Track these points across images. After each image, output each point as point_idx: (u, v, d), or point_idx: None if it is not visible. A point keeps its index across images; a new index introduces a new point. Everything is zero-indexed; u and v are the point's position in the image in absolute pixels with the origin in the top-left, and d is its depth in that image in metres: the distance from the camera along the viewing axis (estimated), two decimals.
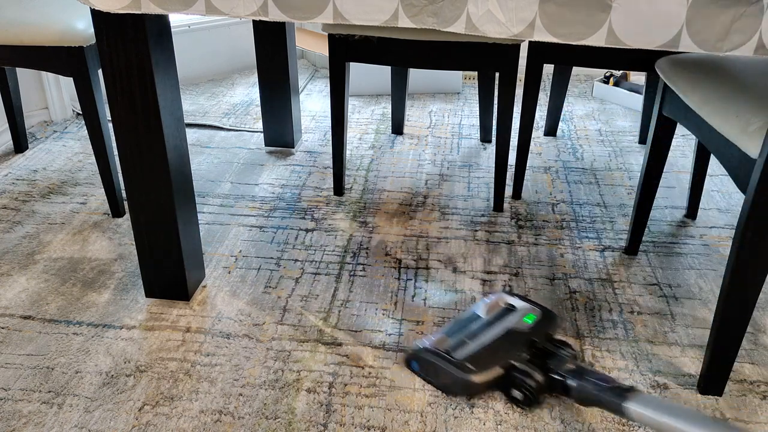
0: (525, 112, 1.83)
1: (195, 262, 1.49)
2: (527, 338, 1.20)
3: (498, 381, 1.15)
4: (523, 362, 1.15)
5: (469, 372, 1.14)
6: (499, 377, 1.15)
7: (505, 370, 1.15)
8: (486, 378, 1.15)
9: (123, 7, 1.08)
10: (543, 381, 1.11)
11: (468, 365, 1.15)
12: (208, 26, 2.84)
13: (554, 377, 1.11)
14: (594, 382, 1.07)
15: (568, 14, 0.98)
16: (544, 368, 1.14)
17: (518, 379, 1.13)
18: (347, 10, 1.04)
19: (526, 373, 1.13)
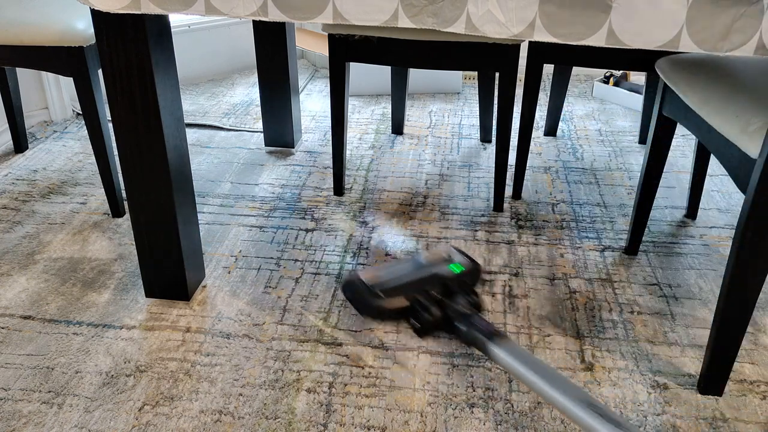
0: (525, 112, 1.83)
1: (195, 262, 1.49)
2: (443, 282, 1.34)
3: (401, 310, 1.31)
4: (427, 299, 1.30)
5: (377, 298, 1.31)
6: (402, 307, 1.30)
7: (410, 302, 1.30)
8: (390, 305, 1.31)
9: (123, 7, 1.08)
10: (437, 318, 1.26)
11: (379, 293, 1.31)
12: (208, 26, 2.84)
13: (447, 317, 1.26)
14: (476, 325, 1.20)
15: (568, 14, 0.98)
16: (443, 308, 1.28)
17: (417, 312, 1.29)
18: (347, 10, 1.04)
19: (425, 307, 1.29)
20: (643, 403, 1.21)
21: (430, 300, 1.30)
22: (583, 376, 1.27)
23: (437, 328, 1.28)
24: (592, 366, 1.30)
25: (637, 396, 1.23)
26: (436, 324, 1.27)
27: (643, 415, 1.18)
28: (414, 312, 1.29)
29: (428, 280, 1.35)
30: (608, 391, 1.23)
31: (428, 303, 1.29)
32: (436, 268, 1.38)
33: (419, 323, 1.28)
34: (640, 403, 1.21)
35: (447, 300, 1.29)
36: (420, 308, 1.29)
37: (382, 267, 1.42)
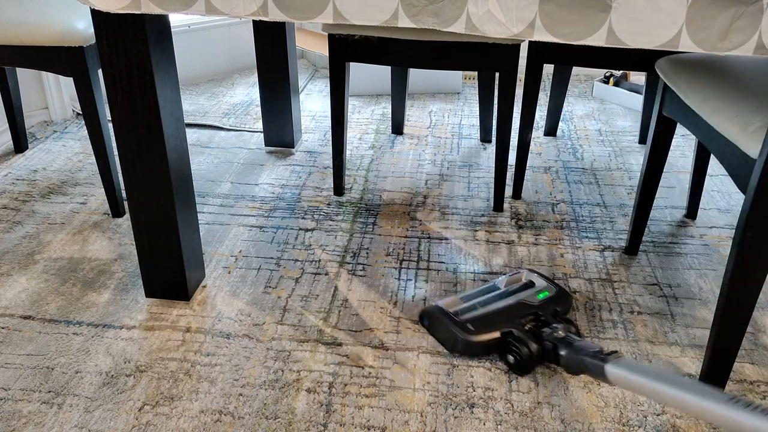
0: (525, 112, 1.83)
1: (195, 262, 1.49)
2: (533, 311, 1.29)
3: (495, 344, 1.26)
4: (521, 331, 1.25)
5: (467, 332, 1.26)
6: (495, 341, 1.26)
7: (503, 335, 1.25)
8: (482, 339, 1.26)
9: (123, 7, 1.08)
10: (536, 350, 1.21)
11: (469, 326, 1.27)
12: (208, 26, 2.84)
13: (546, 345, 1.20)
14: (581, 349, 1.13)
15: (568, 14, 0.98)
16: (540, 338, 1.22)
17: (513, 345, 1.23)
18: (347, 10, 1.04)
19: (521, 340, 1.23)
20: (643, 403, 1.21)
21: (525, 332, 1.23)
22: (583, 376, 1.27)
23: (537, 361, 1.24)
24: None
25: (637, 396, 1.23)
26: (532, 357, 1.22)
27: (643, 415, 1.18)
28: (509, 346, 1.24)
29: (517, 309, 1.29)
30: (608, 391, 1.23)
31: (524, 335, 1.22)
32: (520, 296, 1.34)
33: (519, 357, 1.22)
34: (640, 403, 1.21)
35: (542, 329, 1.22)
36: (516, 342, 1.22)
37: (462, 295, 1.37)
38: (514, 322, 1.27)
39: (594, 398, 1.22)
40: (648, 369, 1.01)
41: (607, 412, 1.19)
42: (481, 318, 1.29)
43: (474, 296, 1.37)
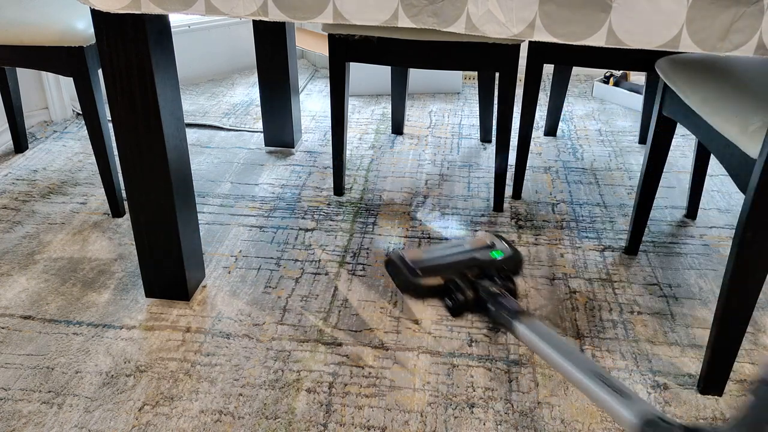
0: (525, 112, 1.83)
1: (195, 262, 1.49)
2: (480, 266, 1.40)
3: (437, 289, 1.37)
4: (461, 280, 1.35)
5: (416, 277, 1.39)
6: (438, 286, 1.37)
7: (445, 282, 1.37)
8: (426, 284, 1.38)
9: (123, 7, 1.08)
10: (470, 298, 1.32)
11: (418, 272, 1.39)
12: (208, 26, 2.84)
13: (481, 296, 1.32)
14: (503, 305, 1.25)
15: (568, 14, 0.98)
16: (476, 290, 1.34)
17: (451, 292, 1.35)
18: (347, 10, 1.04)
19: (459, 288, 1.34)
20: None
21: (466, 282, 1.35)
22: None
23: (469, 308, 1.33)
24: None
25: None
26: (467, 305, 1.33)
27: None
28: (448, 292, 1.35)
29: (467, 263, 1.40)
30: None
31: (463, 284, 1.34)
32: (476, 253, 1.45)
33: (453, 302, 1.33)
34: None
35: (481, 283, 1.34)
36: (454, 289, 1.35)
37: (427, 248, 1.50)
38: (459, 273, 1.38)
39: None
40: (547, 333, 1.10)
41: (608, 414, 1.19)
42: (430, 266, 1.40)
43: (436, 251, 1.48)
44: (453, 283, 1.36)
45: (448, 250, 1.47)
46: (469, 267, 1.40)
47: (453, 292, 1.35)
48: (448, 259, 1.43)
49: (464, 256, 1.43)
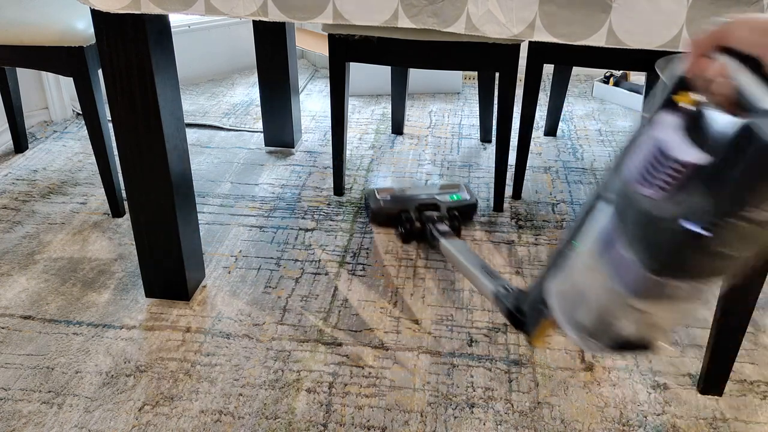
0: (525, 112, 1.83)
1: (195, 262, 1.49)
2: (435, 204, 1.71)
3: (393, 218, 1.71)
4: (414, 212, 1.66)
5: (376, 205, 1.73)
6: (394, 215, 1.71)
7: (400, 212, 1.69)
8: (384, 212, 1.72)
9: (123, 7, 1.08)
10: (416, 228, 1.64)
11: (381, 203, 1.73)
12: (208, 26, 2.84)
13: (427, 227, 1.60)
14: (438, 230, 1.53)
15: (568, 14, 0.99)
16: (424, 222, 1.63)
17: (403, 221, 1.67)
18: (347, 10, 1.04)
19: (409, 218, 1.65)
20: (643, 403, 1.21)
21: (417, 214, 1.66)
22: (584, 376, 1.27)
23: (416, 237, 1.67)
24: (593, 366, 1.30)
25: (637, 396, 1.23)
26: (414, 233, 1.65)
27: (643, 415, 1.19)
28: (401, 221, 1.67)
29: (424, 200, 1.72)
30: (608, 391, 1.23)
31: (413, 216, 1.66)
32: (438, 195, 1.76)
33: (402, 230, 1.67)
34: (640, 403, 1.21)
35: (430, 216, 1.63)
36: (405, 219, 1.66)
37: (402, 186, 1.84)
38: (414, 207, 1.69)
39: (594, 398, 1.22)
40: (461, 247, 1.35)
41: (607, 412, 1.19)
42: (392, 199, 1.74)
43: (408, 189, 1.80)
44: (406, 215, 1.67)
45: (417, 191, 1.79)
46: (426, 204, 1.70)
47: (404, 222, 1.66)
48: (411, 196, 1.74)
49: (426, 195, 1.74)
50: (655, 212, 0.60)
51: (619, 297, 0.65)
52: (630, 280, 0.64)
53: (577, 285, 0.72)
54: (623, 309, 0.66)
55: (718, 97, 0.61)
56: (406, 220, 1.65)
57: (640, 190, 0.62)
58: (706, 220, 0.56)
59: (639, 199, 0.63)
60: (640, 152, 0.64)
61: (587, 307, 0.70)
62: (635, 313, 0.66)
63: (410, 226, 1.64)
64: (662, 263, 0.60)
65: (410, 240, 1.66)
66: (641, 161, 0.63)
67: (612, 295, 0.66)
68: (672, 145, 0.61)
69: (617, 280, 0.65)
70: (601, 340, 0.70)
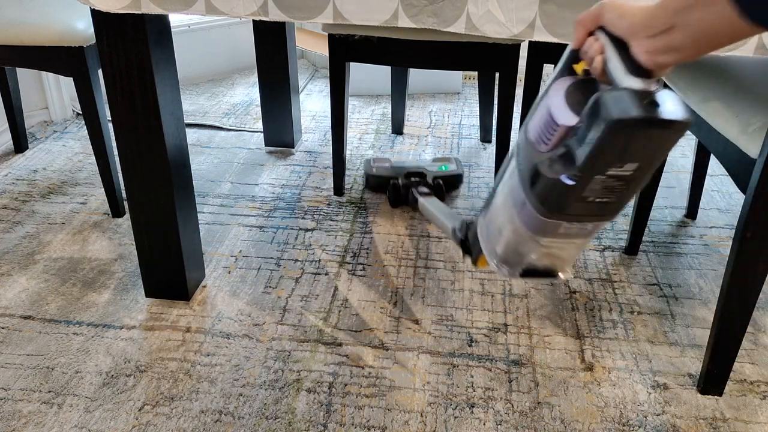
0: (525, 112, 1.83)
1: (195, 262, 1.49)
2: (423, 173, 1.88)
3: (382, 185, 1.90)
4: (401, 180, 1.83)
5: (369, 172, 1.93)
6: (383, 182, 1.89)
7: (388, 179, 1.87)
8: (375, 177, 1.91)
9: (123, 7, 1.08)
10: (402, 194, 1.82)
11: (374, 170, 1.92)
12: (208, 26, 2.84)
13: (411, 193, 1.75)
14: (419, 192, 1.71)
15: (568, 14, 0.99)
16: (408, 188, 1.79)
17: (390, 187, 1.84)
18: (347, 10, 1.04)
19: (395, 186, 1.82)
20: (643, 403, 1.21)
21: (405, 182, 1.82)
22: (583, 376, 1.27)
23: (402, 201, 1.83)
24: (592, 366, 1.30)
25: (637, 396, 1.23)
26: (401, 198, 1.82)
27: (643, 415, 1.19)
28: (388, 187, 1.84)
29: (413, 170, 1.89)
30: (608, 391, 1.23)
31: (400, 183, 1.82)
32: (427, 165, 1.94)
33: (390, 195, 1.83)
34: (640, 403, 1.21)
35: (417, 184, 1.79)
36: (392, 185, 1.83)
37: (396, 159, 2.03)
38: (403, 176, 1.86)
39: (594, 398, 1.22)
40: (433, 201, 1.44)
41: (607, 412, 1.19)
42: (383, 169, 1.92)
43: (402, 161, 1.97)
44: (394, 181, 1.83)
45: (410, 162, 1.97)
46: (414, 173, 1.87)
47: (392, 188, 1.82)
48: (402, 165, 1.93)
49: (417, 166, 1.92)
50: (541, 166, 0.72)
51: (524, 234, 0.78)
52: (529, 221, 0.76)
53: (494, 222, 0.85)
54: (528, 243, 0.79)
55: (596, 70, 0.71)
56: (393, 186, 1.82)
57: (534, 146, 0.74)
58: (572, 174, 0.67)
59: (531, 153, 0.74)
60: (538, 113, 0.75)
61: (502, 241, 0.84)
62: (538, 247, 0.79)
63: (396, 191, 1.81)
64: (548, 208, 0.72)
65: (398, 204, 1.83)
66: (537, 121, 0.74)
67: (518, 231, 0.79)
68: (556, 108, 0.71)
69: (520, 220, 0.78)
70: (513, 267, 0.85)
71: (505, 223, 0.82)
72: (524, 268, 0.84)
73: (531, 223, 0.76)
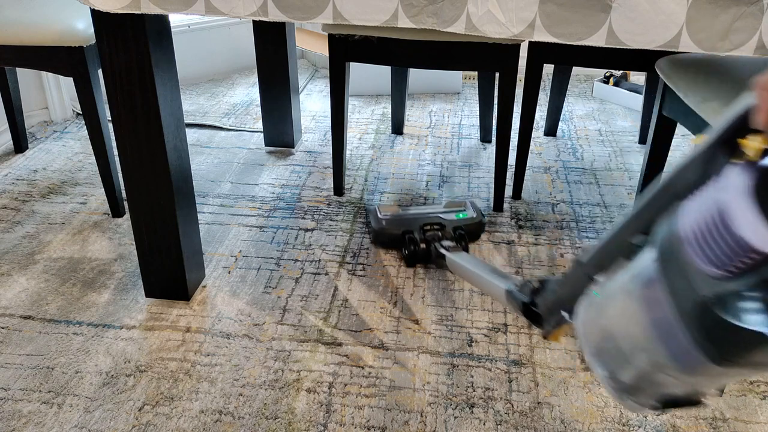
0: (525, 112, 1.83)
1: (195, 262, 1.49)
2: (440, 223, 1.62)
3: (396, 239, 1.61)
4: (417, 233, 1.58)
5: (378, 225, 1.63)
6: (396, 236, 1.61)
7: (403, 233, 1.59)
8: (387, 233, 1.62)
9: (123, 7, 1.08)
10: (421, 250, 1.54)
11: (383, 223, 1.63)
12: (208, 26, 2.84)
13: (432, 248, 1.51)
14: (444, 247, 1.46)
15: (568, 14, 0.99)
16: (428, 242, 1.54)
17: (407, 243, 1.57)
18: (347, 10, 1.04)
19: (412, 240, 1.56)
20: None
21: (421, 235, 1.57)
22: (583, 376, 1.27)
23: (420, 259, 1.56)
24: None
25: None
26: (419, 255, 1.55)
27: (643, 415, 1.19)
28: (405, 243, 1.57)
29: (428, 219, 1.63)
30: None
31: (416, 237, 1.56)
32: (442, 213, 1.68)
33: (407, 252, 1.56)
34: None
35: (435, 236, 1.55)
36: (408, 240, 1.56)
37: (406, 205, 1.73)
38: (418, 227, 1.59)
39: (594, 398, 1.22)
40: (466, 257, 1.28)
41: (607, 412, 1.19)
42: (394, 219, 1.64)
43: (410, 207, 1.71)
44: (410, 235, 1.57)
45: (421, 209, 1.71)
46: (431, 224, 1.61)
47: (408, 244, 1.56)
48: (415, 215, 1.66)
49: (431, 215, 1.66)
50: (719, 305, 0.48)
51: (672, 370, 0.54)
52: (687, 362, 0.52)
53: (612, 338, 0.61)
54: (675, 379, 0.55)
55: None
56: (410, 242, 1.55)
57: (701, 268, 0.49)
58: None
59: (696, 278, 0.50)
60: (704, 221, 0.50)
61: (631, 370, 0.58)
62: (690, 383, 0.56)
63: (414, 247, 1.54)
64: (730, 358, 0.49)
65: (415, 263, 1.57)
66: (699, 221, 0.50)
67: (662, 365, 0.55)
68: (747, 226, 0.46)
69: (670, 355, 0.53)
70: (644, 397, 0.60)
71: (638, 351, 0.57)
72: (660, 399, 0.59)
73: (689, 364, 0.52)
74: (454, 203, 1.73)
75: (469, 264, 1.22)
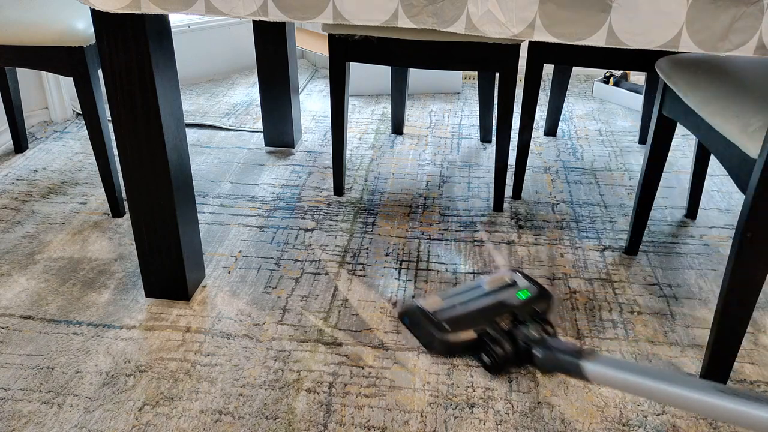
0: (525, 112, 1.83)
1: (195, 262, 1.49)
2: (511, 311, 1.26)
3: (470, 344, 1.23)
4: (496, 331, 1.21)
5: (444, 332, 1.23)
6: (471, 341, 1.23)
7: (478, 335, 1.22)
8: (458, 339, 1.23)
9: (123, 7, 1.08)
10: (510, 350, 1.18)
11: (445, 326, 1.24)
12: (208, 26, 2.84)
13: (520, 346, 1.17)
14: (556, 348, 1.10)
15: (568, 14, 0.98)
16: (514, 339, 1.19)
17: (488, 346, 1.20)
18: (347, 10, 1.04)
19: (496, 340, 1.20)
20: (643, 403, 1.21)
21: (500, 332, 1.20)
22: None
23: (511, 362, 1.20)
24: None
25: (638, 396, 1.23)
26: (508, 358, 1.19)
27: (643, 415, 1.19)
28: (484, 346, 1.20)
29: (495, 309, 1.26)
30: (608, 391, 1.23)
31: (498, 335, 1.20)
32: (501, 296, 1.31)
33: (493, 358, 1.19)
34: (640, 403, 1.21)
35: (518, 330, 1.20)
36: (490, 342, 1.20)
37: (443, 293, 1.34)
38: (491, 322, 1.23)
39: (594, 398, 1.22)
40: (626, 364, 0.99)
41: (607, 412, 1.19)
42: (457, 317, 1.26)
43: (455, 295, 1.34)
44: (487, 336, 1.20)
45: (469, 295, 1.33)
46: (499, 313, 1.24)
47: (489, 346, 1.19)
48: (473, 307, 1.28)
49: (490, 302, 1.29)
50: None
51: None
52: None
53: None
54: None
55: None
56: (492, 344, 1.21)
57: None
58: None
59: None
60: None
61: None
62: None
63: (502, 350, 1.19)
64: None
65: (505, 369, 1.26)
66: None
67: None
68: None
69: None
70: None
71: None
72: None
73: None
74: (496, 279, 1.39)
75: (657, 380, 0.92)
